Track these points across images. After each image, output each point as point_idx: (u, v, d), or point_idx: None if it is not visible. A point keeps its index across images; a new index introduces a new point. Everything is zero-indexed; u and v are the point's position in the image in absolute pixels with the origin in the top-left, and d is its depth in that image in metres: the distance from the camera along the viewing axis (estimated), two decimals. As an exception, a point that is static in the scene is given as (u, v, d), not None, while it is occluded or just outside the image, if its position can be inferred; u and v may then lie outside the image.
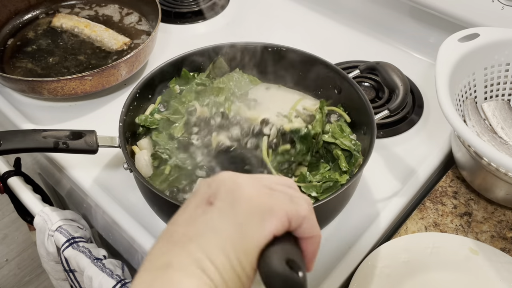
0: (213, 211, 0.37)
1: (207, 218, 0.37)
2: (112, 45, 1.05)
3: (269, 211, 0.37)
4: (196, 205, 0.39)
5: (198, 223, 0.37)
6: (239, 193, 0.37)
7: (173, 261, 0.35)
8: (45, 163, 0.98)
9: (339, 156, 0.75)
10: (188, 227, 0.38)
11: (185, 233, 0.37)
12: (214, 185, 0.39)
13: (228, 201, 0.37)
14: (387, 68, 0.80)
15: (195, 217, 0.38)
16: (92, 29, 1.08)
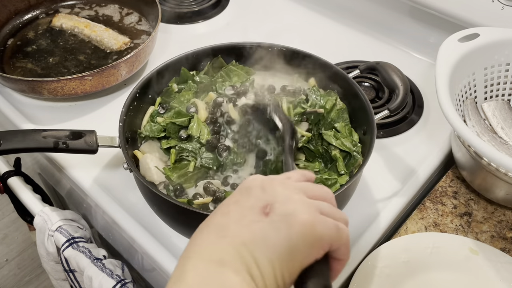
0: (269, 223, 0.40)
1: (261, 227, 0.40)
2: (112, 45, 1.05)
3: (319, 240, 0.40)
4: (251, 207, 0.41)
5: (252, 229, 0.40)
6: (295, 218, 0.40)
7: (226, 259, 0.38)
8: (45, 163, 0.98)
9: (337, 158, 0.75)
10: (241, 228, 0.40)
11: (238, 234, 0.40)
12: (270, 194, 0.42)
13: (283, 220, 0.40)
14: (387, 68, 0.80)
15: (249, 221, 0.40)
16: (92, 29, 1.08)
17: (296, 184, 0.44)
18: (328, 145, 0.77)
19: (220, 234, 0.40)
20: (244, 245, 0.39)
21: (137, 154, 0.77)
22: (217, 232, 0.40)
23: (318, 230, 0.40)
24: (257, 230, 0.40)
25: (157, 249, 0.74)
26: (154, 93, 0.84)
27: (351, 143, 0.76)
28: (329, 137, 0.76)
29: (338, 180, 0.73)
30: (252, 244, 0.39)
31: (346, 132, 0.78)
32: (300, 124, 0.80)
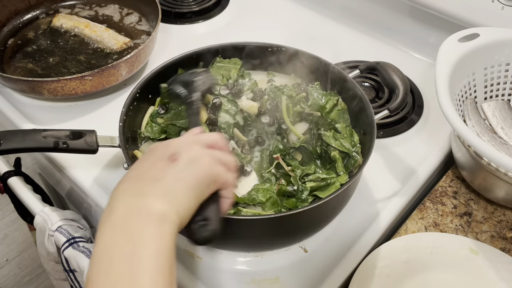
0: (178, 164, 0.51)
1: (173, 168, 0.51)
2: (112, 45, 1.05)
3: (215, 180, 0.53)
4: (157, 159, 0.52)
5: (165, 170, 0.50)
6: (199, 162, 0.52)
7: (147, 191, 0.48)
8: (45, 163, 0.98)
9: (337, 159, 0.74)
10: (155, 172, 0.51)
11: (153, 176, 0.50)
12: (173, 146, 0.54)
13: (190, 163, 0.52)
14: (387, 68, 0.80)
15: (160, 166, 0.51)
16: (92, 29, 1.08)
17: (195, 137, 0.56)
18: (327, 145, 0.77)
19: (138, 179, 0.50)
20: (160, 181, 0.49)
21: (137, 154, 0.77)
22: (135, 179, 0.51)
23: (215, 172, 0.53)
24: (169, 170, 0.50)
25: (157, 249, 0.74)
26: (154, 93, 0.84)
27: (350, 144, 0.76)
28: (328, 138, 0.76)
29: (337, 180, 0.73)
30: (168, 180, 0.49)
31: (347, 133, 0.78)
32: (299, 124, 0.80)
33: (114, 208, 0.47)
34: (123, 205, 0.47)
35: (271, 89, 0.83)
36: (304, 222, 0.69)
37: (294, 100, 0.81)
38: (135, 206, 0.46)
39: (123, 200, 0.47)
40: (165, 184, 0.49)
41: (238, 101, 0.81)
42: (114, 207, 0.47)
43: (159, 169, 0.51)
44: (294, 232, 0.70)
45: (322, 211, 0.70)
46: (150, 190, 0.48)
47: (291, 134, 0.79)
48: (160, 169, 0.51)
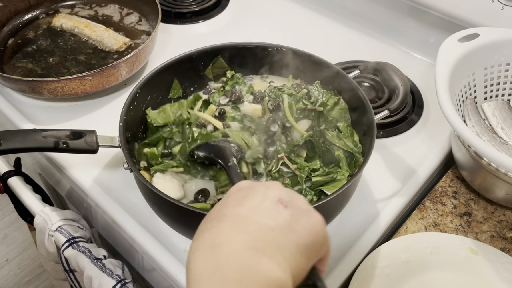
0: (291, 214, 0.41)
1: (285, 216, 0.41)
2: (112, 45, 1.05)
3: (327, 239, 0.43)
4: (266, 199, 0.42)
5: (276, 217, 0.40)
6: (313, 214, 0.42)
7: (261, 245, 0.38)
8: (45, 163, 0.98)
9: (341, 158, 0.75)
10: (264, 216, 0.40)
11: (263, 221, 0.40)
12: (276, 190, 0.43)
13: (304, 214, 0.42)
14: (387, 68, 0.80)
15: (270, 210, 0.41)
16: (92, 29, 1.08)
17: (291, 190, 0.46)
18: (330, 144, 0.77)
19: (243, 222, 0.39)
20: (272, 230, 0.39)
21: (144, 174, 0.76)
22: (239, 220, 0.40)
23: (326, 233, 0.43)
24: (281, 218, 0.40)
25: (157, 249, 0.74)
26: (154, 93, 0.84)
27: (352, 143, 0.77)
28: (332, 138, 0.76)
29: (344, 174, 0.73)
30: (280, 230, 0.39)
31: (348, 132, 0.78)
32: (302, 121, 0.80)
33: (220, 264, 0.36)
34: (233, 262, 0.36)
35: (271, 90, 0.83)
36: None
37: (296, 98, 0.81)
38: (248, 269, 0.36)
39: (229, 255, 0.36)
40: (279, 236, 0.39)
41: (241, 106, 0.81)
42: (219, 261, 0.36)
43: (267, 213, 0.40)
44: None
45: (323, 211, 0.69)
46: (262, 242, 0.38)
47: (294, 131, 0.79)
48: (270, 213, 0.40)
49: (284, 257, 0.37)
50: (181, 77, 0.88)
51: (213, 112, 0.81)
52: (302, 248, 0.39)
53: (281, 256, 0.37)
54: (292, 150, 0.77)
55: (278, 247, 0.38)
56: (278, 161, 0.76)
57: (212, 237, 0.38)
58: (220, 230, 0.39)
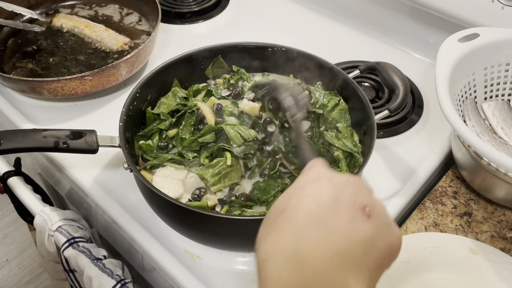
0: (373, 226, 0.38)
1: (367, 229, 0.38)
2: (112, 45, 1.05)
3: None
4: (351, 203, 0.39)
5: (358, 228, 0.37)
6: (393, 228, 0.40)
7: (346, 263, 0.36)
8: (45, 163, 0.98)
9: (340, 159, 0.75)
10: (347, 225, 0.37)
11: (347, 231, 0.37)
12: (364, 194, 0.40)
13: (385, 227, 0.39)
14: (387, 68, 0.80)
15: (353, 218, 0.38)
16: (92, 29, 1.08)
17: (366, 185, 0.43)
18: (330, 145, 0.77)
19: (325, 227, 0.36)
20: (357, 245, 0.36)
21: (145, 174, 0.76)
22: (320, 225, 0.37)
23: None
24: (364, 231, 0.37)
25: (157, 249, 0.74)
26: (154, 94, 0.84)
27: (351, 143, 0.77)
28: (331, 138, 0.76)
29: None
30: (364, 246, 0.37)
31: (348, 132, 0.78)
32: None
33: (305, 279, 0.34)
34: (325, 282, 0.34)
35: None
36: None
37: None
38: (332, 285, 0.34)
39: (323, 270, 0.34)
40: (362, 252, 0.36)
41: (239, 103, 0.81)
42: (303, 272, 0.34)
43: (352, 222, 0.37)
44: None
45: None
46: (349, 261, 0.35)
47: (292, 132, 0.79)
48: (353, 222, 0.37)
49: (365, 274, 0.36)
50: (181, 77, 0.88)
51: (213, 104, 0.81)
52: (381, 264, 0.38)
53: (364, 274, 0.35)
54: (290, 150, 0.77)
55: (362, 264, 0.36)
56: (276, 162, 0.76)
57: (292, 240, 0.36)
58: (300, 231, 0.36)
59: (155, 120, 0.82)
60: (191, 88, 0.87)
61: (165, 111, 0.82)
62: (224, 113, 0.79)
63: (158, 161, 0.77)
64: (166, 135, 0.81)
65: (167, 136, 0.81)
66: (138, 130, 0.81)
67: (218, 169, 0.74)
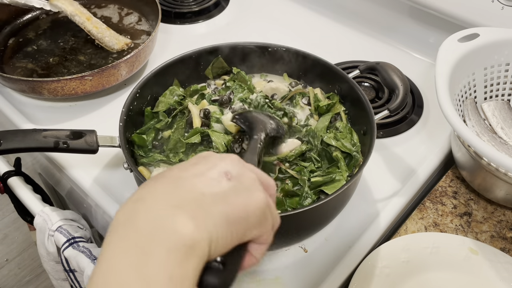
0: (230, 186, 0.40)
1: (223, 186, 0.40)
2: (113, 45, 1.05)
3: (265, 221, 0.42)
4: (212, 168, 0.42)
5: (213, 185, 0.40)
6: (254, 192, 0.42)
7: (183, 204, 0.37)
8: (45, 163, 0.98)
9: (339, 159, 0.74)
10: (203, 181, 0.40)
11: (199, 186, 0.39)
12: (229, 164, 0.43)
13: (245, 189, 0.41)
14: (387, 68, 0.80)
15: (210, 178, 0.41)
16: (94, 24, 1.06)
17: (253, 168, 0.46)
18: (328, 146, 0.77)
19: (178, 183, 0.39)
20: (204, 195, 0.38)
21: (142, 171, 0.76)
22: (175, 181, 0.40)
23: (265, 213, 0.41)
24: (218, 187, 0.40)
25: (157, 249, 0.74)
26: (154, 94, 0.84)
27: (350, 143, 0.76)
28: (329, 139, 0.76)
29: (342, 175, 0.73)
30: (212, 197, 0.38)
31: (347, 131, 0.78)
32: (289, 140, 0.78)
33: (135, 216, 0.36)
34: (147, 217, 0.36)
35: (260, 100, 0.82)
36: (305, 222, 0.69)
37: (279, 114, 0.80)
38: (162, 222, 0.35)
39: (147, 210, 0.37)
40: (208, 202, 0.38)
41: (224, 114, 0.80)
42: (136, 213, 0.36)
43: (207, 180, 0.40)
44: (295, 232, 0.70)
45: (323, 211, 0.70)
46: (187, 203, 0.37)
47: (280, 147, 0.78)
48: (210, 180, 0.40)
49: (205, 221, 0.36)
50: (181, 77, 0.88)
51: (204, 107, 0.81)
52: (230, 221, 0.38)
53: (203, 220, 0.36)
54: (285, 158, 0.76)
55: (203, 211, 0.37)
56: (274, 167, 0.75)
57: (141, 193, 0.38)
58: (151, 188, 0.39)
59: (153, 119, 0.82)
60: (188, 88, 0.87)
61: (162, 109, 0.82)
62: (211, 119, 0.79)
63: (148, 160, 0.76)
64: (161, 136, 0.81)
65: (163, 137, 0.81)
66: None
67: None
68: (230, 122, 0.77)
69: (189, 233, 0.35)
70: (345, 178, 0.72)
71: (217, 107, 0.82)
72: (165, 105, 0.83)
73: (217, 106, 0.82)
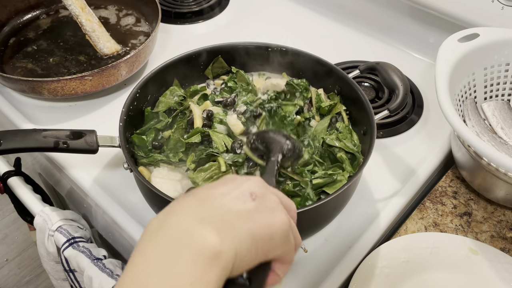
0: (255, 206, 0.42)
1: (248, 206, 0.42)
2: (102, 48, 1.03)
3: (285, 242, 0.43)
4: (239, 189, 0.43)
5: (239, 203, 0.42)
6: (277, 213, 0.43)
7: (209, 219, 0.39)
8: (45, 163, 0.98)
9: (344, 160, 0.74)
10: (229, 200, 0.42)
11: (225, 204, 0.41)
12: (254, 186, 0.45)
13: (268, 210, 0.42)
14: (387, 68, 0.80)
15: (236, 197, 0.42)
16: (87, 16, 1.01)
17: (275, 190, 0.47)
18: (331, 147, 0.76)
19: (206, 200, 0.41)
20: (230, 212, 0.40)
21: (142, 171, 0.76)
22: (203, 198, 0.42)
23: (288, 234, 0.43)
24: (243, 205, 0.41)
25: (157, 249, 0.74)
26: (154, 94, 0.84)
27: (351, 143, 0.77)
28: (332, 140, 0.76)
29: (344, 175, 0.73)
30: (238, 214, 0.40)
31: (347, 132, 0.78)
32: None
33: (166, 225, 0.38)
34: (176, 226, 0.38)
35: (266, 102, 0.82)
36: (305, 222, 0.69)
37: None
38: (190, 232, 0.37)
39: (179, 218, 0.39)
40: (234, 219, 0.40)
41: (228, 115, 0.80)
42: (166, 223, 0.39)
43: (233, 199, 0.42)
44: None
45: (323, 211, 0.70)
46: (214, 217, 0.39)
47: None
48: (236, 200, 0.42)
49: (230, 235, 0.38)
50: (181, 77, 0.88)
51: (207, 108, 0.81)
52: (255, 238, 0.39)
53: (228, 234, 0.37)
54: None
55: (229, 226, 0.38)
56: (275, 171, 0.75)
57: (172, 206, 0.41)
58: (182, 202, 0.41)
59: (153, 119, 0.82)
60: (188, 89, 0.87)
61: (162, 110, 0.82)
62: (215, 120, 0.79)
63: (148, 160, 0.76)
64: (162, 136, 0.81)
65: (163, 137, 0.81)
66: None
67: (210, 173, 0.73)
68: (236, 122, 0.77)
69: (214, 244, 0.36)
70: (346, 178, 0.72)
71: (220, 109, 0.82)
72: (165, 105, 0.83)
73: (221, 108, 0.82)
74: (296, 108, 0.82)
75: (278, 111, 0.81)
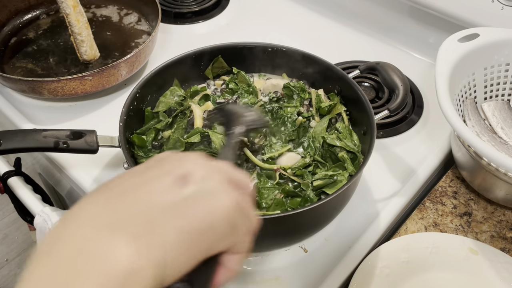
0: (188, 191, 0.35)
1: (178, 193, 0.34)
2: (84, 52, 1.00)
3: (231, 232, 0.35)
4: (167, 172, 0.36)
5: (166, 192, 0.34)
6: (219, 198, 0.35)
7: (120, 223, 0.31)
8: (45, 163, 0.98)
9: (345, 159, 0.74)
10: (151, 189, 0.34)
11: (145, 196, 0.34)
12: (188, 164, 0.37)
13: (205, 194, 0.35)
14: (387, 68, 0.80)
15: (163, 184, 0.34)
16: (77, 15, 0.97)
17: (220, 166, 0.39)
18: (332, 147, 0.76)
19: (122, 195, 0.33)
20: (152, 208, 0.32)
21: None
22: (120, 193, 0.33)
23: (235, 222, 0.35)
24: (172, 196, 0.33)
25: (157, 249, 0.74)
26: (154, 94, 0.84)
27: (352, 143, 0.77)
28: (332, 140, 0.76)
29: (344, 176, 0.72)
30: (163, 210, 0.32)
31: (346, 132, 0.78)
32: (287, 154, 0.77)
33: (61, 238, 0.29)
34: (74, 239, 0.29)
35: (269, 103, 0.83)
36: (305, 222, 0.69)
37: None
38: (91, 248, 0.28)
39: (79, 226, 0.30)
40: (157, 215, 0.32)
41: None
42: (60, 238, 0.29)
43: (159, 188, 0.34)
44: (295, 232, 0.70)
45: (323, 211, 0.70)
46: (128, 220, 0.31)
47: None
48: (161, 189, 0.34)
49: (152, 241, 0.30)
50: (181, 77, 0.88)
51: (208, 108, 0.82)
52: (189, 236, 0.32)
53: (148, 240, 0.30)
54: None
55: (149, 228, 0.30)
56: (274, 173, 0.75)
57: (72, 212, 0.32)
58: (85, 203, 0.32)
59: (153, 119, 0.82)
60: (189, 89, 0.87)
61: (162, 110, 0.82)
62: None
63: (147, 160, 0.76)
64: (162, 136, 0.81)
65: (163, 137, 0.81)
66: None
67: None
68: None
69: (127, 258, 0.28)
70: (346, 178, 0.72)
71: None
72: (165, 105, 0.83)
73: None
74: (296, 109, 0.82)
75: (279, 112, 0.81)
